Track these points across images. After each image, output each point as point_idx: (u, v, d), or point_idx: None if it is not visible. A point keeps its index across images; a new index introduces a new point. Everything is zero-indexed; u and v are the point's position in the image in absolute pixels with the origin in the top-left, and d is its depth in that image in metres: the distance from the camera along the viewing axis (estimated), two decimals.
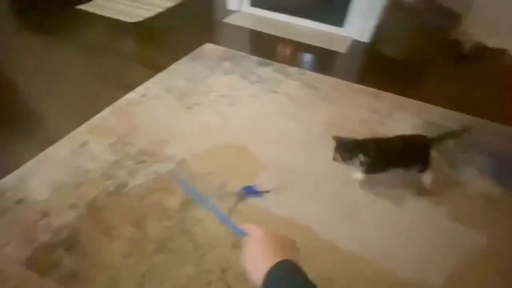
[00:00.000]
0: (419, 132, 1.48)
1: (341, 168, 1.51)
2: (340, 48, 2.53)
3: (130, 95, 1.89)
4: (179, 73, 2.11)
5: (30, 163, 1.45)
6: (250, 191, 1.35)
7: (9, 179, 1.38)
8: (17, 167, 1.43)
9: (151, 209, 1.28)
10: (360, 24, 2.60)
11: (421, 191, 1.40)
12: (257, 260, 0.53)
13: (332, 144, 1.34)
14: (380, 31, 2.51)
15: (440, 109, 1.91)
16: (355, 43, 2.64)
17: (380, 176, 1.40)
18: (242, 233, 0.62)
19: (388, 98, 1.98)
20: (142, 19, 2.81)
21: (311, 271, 1.11)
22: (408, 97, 1.99)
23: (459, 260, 1.18)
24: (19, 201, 1.29)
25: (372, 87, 2.06)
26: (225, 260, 1.13)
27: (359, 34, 2.65)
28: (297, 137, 1.66)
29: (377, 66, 2.40)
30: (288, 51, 2.51)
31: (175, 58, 2.26)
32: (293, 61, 2.36)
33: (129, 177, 1.40)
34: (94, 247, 1.15)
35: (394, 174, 1.37)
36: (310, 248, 1.18)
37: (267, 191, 1.36)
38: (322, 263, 1.14)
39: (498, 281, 1.13)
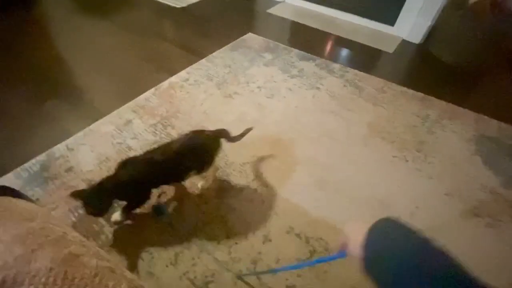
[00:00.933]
0: (470, 144, 1.36)
1: (384, 174, 1.44)
2: (388, 48, 2.39)
3: (173, 79, 1.93)
4: (220, 61, 2.12)
5: (79, 134, 1.54)
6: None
7: (60, 147, 1.47)
8: (67, 137, 1.52)
9: (188, 192, 1.31)
10: (412, 24, 2.43)
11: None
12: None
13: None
14: (435, 32, 2.33)
15: (496, 122, 1.74)
16: (405, 44, 2.48)
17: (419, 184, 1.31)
18: (342, 255, 0.60)
19: (439, 105, 1.84)
20: (186, 5, 2.85)
21: (346, 277, 1.07)
22: (461, 106, 1.83)
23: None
24: (68, 169, 1.38)
25: (422, 92, 1.93)
26: (256, 251, 1.12)
27: (410, 34, 2.48)
28: (337, 137, 1.60)
29: (427, 70, 2.24)
30: (332, 46, 2.42)
31: (217, 45, 2.27)
32: (337, 57, 2.27)
33: None
34: (133, 221, 1.20)
35: None
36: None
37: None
38: (356, 270, 1.09)
39: None
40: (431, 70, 2.23)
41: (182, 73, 1.98)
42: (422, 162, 1.49)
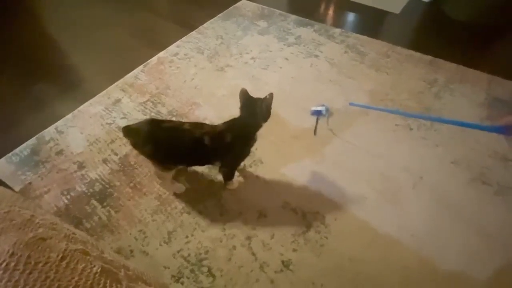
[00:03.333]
0: (482, 109, 1.24)
1: (386, 145, 1.36)
2: (394, 8, 2.18)
3: (162, 54, 1.83)
4: (211, 32, 1.98)
5: (68, 117, 1.49)
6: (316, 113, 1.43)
7: (50, 130, 1.44)
8: (56, 120, 1.48)
9: (181, 171, 1.27)
10: None
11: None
12: None
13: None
14: None
15: (511, 83, 1.60)
16: (413, 3, 2.26)
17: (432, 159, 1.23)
18: (501, 130, 0.58)
19: (448, 67, 1.69)
20: None
21: (343, 251, 1.04)
22: (474, 68, 1.68)
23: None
24: (59, 152, 1.35)
25: (430, 55, 1.77)
26: (251, 227, 1.10)
27: None
28: (336, 107, 1.51)
29: (437, 30, 2.04)
30: (332, 9, 2.23)
31: (209, 16, 2.12)
32: (337, 21, 2.09)
33: None
34: (125, 201, 1.18)
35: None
36: (343, 227, 1.10)
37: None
38: (355, 243, 1.06)
39: None
40: (441, 31, 2.04)
41: (172, 48, 1.87)
42: (427, 130, 1.40)
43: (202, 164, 1.21)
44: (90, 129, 1.44)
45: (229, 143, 1.03)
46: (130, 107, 1.52)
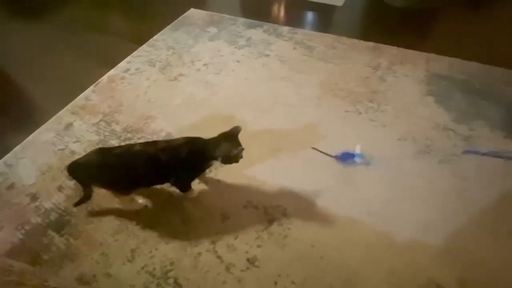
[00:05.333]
0: (422, 86, 1.34)
1: (338, 130, 1.42)
2: (337, 1, 2.29)
3: (113, 72, 1.80)
4: (162, 44, 1.98)
5: (17, 149, 1.43)
6: (345, 157, 1.27)
7: None
8: (5, 153, 1.41)
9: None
10: None
11: None
12: None
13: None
14: None
15: (447, 59, 1.73)
16: None
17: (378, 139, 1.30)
18: None
19: (389, 51, 1.80)
20: None
21: (306, 238, 1.07)
22: (412, 49, 1.80)
23: (464, 219, 1.11)
24: (10, 186, 1.29)
25: (372, 42, 1.87)
26: (215, 232, 1.10)
27: None
28: (291, 102, 1.55)
29: (379, 19, 2.17)
30: (279, 8, 2.30)
31: (158, 28, 2.11)
32: (284, 19, 2.16)
33: None
34: (84, 226, 1.14)
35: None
36: (304, 216, 1.13)
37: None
38: (316, 229, 1.10)
39: (505, 237, 1.06)
40: (381, 18, 2.16)
41: (122, 64, 1.84)
42: (375, 112, 1.47)
43: (162, 183, 1.17)
44: (42, 157, 1.38)
45: (184, 158, 1.02)
46: (83, 130, 1.48)
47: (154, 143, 1.06)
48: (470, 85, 1.57)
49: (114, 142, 1.41)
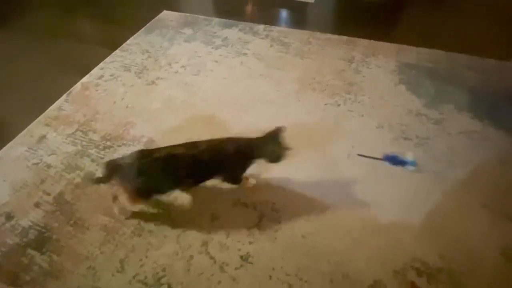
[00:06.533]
0: (394, 75, 1.40)
1: (315, 127, 1.45)
2: None
3: (86, 79, 1.73)
4: (136, 48, 1.93)
5: None
6: (395, 160, 1.25)
7: None
8: None
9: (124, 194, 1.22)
10: None
11: None
12: None
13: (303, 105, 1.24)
14: None
15: (415, 48, 1.82)
16: None
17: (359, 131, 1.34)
18: None
19: (362, 44, 1.87)
20: None
21: (296, 230, 1.09)
22: (384, 41, 1.88)
23: (440, 197, 1.17)
24: None
25: (346, 35, 1.93)
26: (206, 233, 1.09)
27: None
28: (270, 99, 1.57)
29: (351, 13, 2.24)
30: (254, 6, 2.31)
31: (131, 32, 2.05)
32: (260, 18, 2.18)
33: (95, 166, 1.31)
34: (66, 241, 1.09)
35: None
36: (293, 209, 1.15)
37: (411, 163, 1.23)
38: (305, 220, 1.12)
39: (479, 210, 1.14)
40: (353, 13, 2.24)
41: (95, 71, 1.77)
42: (352, 103, 1.53)
43: (204, 181, 1.14)
44: (14, 174, 1.30)
45: (229, 157, 1.04)
46: (58, 141, 1.42)
47: (194, 144, 1.06)
48: (437, 72, 1.66)
49: (93, 152, 1.36)
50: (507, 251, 1.03)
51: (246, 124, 1.44)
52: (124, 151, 1.35)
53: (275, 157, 1.05)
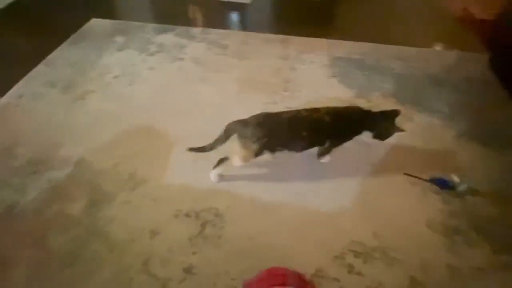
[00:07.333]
0: (327, 69, 1.47)
1: None
2: None
3: (4, 100, 1.55)
4: (62, 61, 1.78)
5: None
6: (443, 184, 1.23)
7: None
8: None
9: (52, 223, 1.12)
10: None
11: None
12: None
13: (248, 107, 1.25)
14: None
15: (345, 42, 1.93)
16: None
17: None
18: None
19: (297, 41, 1.94)
20: (4, 5, 2.26)
21: (241, 233, 1.09)
22: (316, 37, 1.97)
23: (372, 179, 1.26)
24: None
25: (282, 34, 1.99)
26: (146, 251, 1.05)
27: None
28: (209, 102, 1.56)
29: (286, 12, 2.31)
30: (189, 10, 2.27)
31: (56, 44, 1.89)
32: (196, 21, 2.15)
33: (18, 195, 1.19)
34: None
35: None
36: (237, 211, 1.15)
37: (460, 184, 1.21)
38: (250, 221, 1.13)
39: (407, 187, 1.24)
40: (288, 12, 2.31)
41: (14, 90, 1.60)
42: (289, 99, 1.57)
43: (317, 145, 1.22)
44: None
45: (346, 122, 1.15)
46: None
47: (317, 109, 1.15)
48: (365, 63, 1.78)
49: (16, 180, 1.23)
50: (432, 223, 1.14)
51: (186, 131, 1.41)
52: (52, 175, 1.24)
53: (385, 134, 1.18)
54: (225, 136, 1.15)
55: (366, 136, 1.20)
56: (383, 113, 1.18)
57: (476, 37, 1.83)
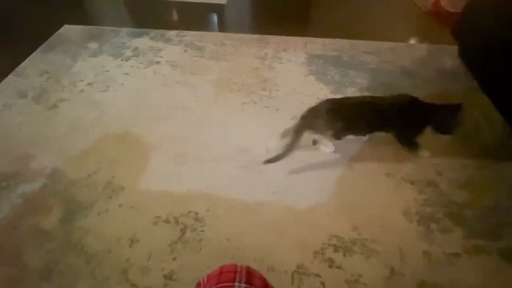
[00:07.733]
0: (304, 67, 1.48)
1: (235, 126, 1.47)
2: (221, 0, 2.35)
3: None
4: (32, 70, 1.72)
5: None
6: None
7: None
8: None
9: (26, 238, 1.08)
10: None
11: None
12: None
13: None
14: None
15: (321, 40, 1.95)
16: None
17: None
18: None
19: (274, 40, 1.94)
20: None
21: (220, 235, 1.09)
22: (293, 35, 1.98)
23: (349, 172, 1.28)
24: None
25: (259, 34, 1.99)
26: (125, 259, 1.03)
27: None
28: (187, 105, 1.54)
29: (263, 12, 2.32)
30: (163, 13, 2.24)
31: (25, 53, 1.83)
32: (171, 24, 2.12)
33: None
34: None
35: None
36: (216, 214, 1.14)
37: None
38: (229, 222, 1.12)
39: (383, 179, 1.26)
40: (265, 11, 2.32)
41: None
42: (268, 99, 1.58)
43: (380, 130, 1.29)
44: None
45: (408, 110, 1.20)
46: None
47: (381, 97, 1.24)
48: (341, 60, 1.81)
49: None
50: (408, 212, 1.17)
51: (164, 135, 1.40)
52: (24, 188, 1.20)
53: (448, 129, 1.20)
54: (297, 136, 1.20)
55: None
56: (449, 107, 1.22)
57: (446, 29, 1.89)
